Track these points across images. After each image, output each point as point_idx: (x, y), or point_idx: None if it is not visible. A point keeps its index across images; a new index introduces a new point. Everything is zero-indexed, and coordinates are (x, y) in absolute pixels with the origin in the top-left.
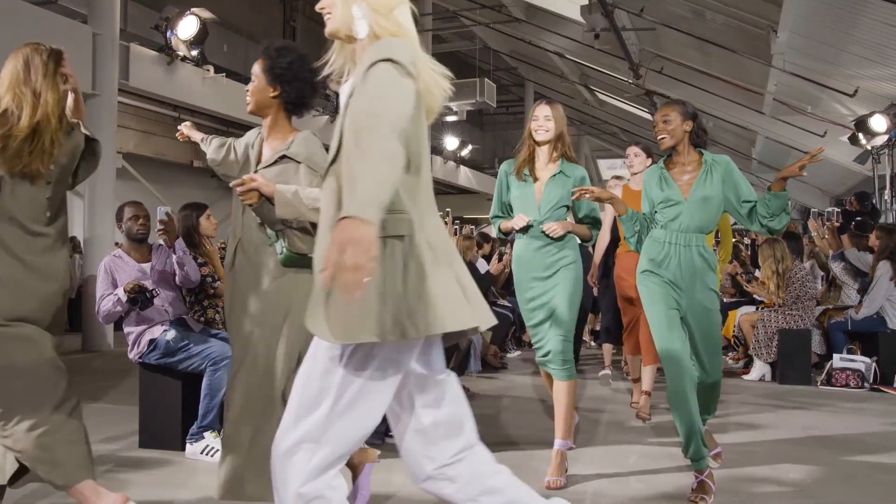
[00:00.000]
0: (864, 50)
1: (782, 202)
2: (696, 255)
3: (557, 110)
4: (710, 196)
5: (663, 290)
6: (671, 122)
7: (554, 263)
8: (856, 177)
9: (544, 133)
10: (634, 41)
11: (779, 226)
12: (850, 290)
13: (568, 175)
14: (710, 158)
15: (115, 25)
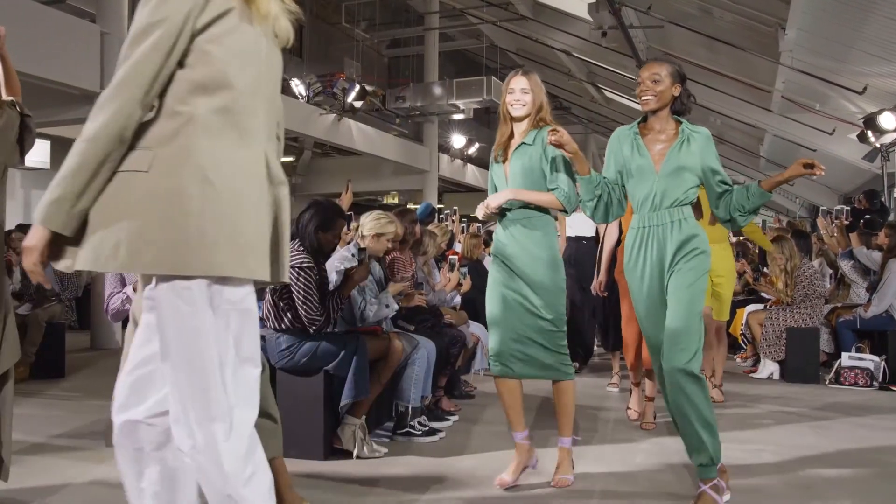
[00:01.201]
0: (874, 47)
1: (761, 203)
2: (676, 230)
3: (535, 80)
4: (684, 166)
5: (645, 285)
6: (661, 83)
7: (533, 250)
8: (864, 174)
9: (521, 108)
10: (642, 39)
11: (744, 223)
12: (859, 288)
13: (530, 143)
14: (688, 128)
15: (123, 24)
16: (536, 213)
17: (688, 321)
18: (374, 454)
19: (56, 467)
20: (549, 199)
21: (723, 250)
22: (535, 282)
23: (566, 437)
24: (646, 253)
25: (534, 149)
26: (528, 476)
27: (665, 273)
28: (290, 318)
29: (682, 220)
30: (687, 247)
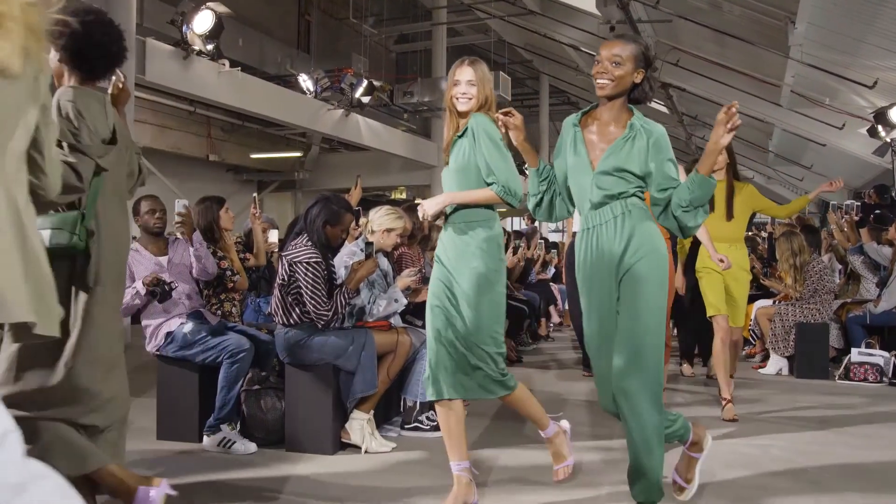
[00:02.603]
0: (884, 41)
1: (706, 192)
2: (619, 225)
3: (481, 71)
4: (624, 168)
5: (594, 300)
6: (622, 66)
7: (470, 258)
8: (874, 169)
9: (467, 101)
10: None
11: (692, 223)
12: (869, 283)
13: (462, 135)
14: (640, 123)
15: (131, 20)
16: (477, 213)
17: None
18: (383, 449)
19: None
20: (485, 195)
21: (737, 250)
22: (465, 292)
23: (543, 430)
24: (592, 257)
25: (466, 141)
26: (540, 472)
27: (615, 280)
28: (299, 313)
29: (625, 213)
30: (633, 245)
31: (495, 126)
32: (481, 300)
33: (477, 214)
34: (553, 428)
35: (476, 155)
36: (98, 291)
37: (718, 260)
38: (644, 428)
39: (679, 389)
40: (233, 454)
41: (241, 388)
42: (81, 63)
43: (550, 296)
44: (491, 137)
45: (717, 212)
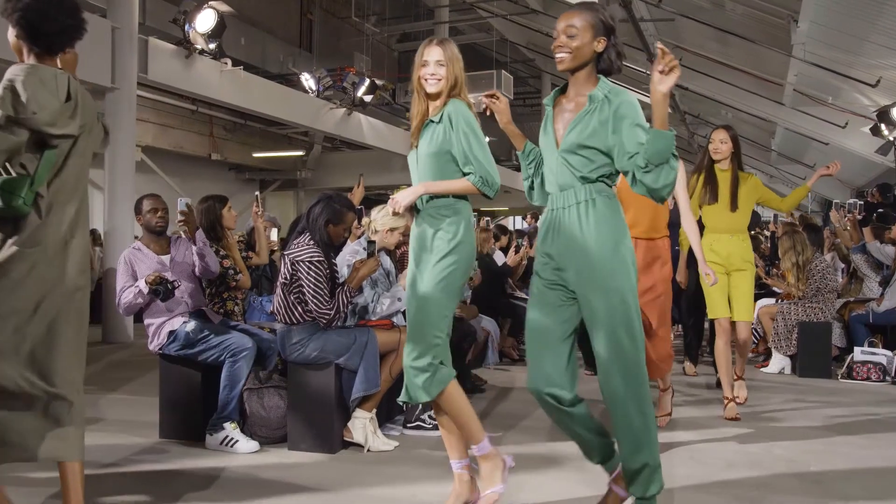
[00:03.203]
0: (887, 39)
1: (663, 146)
2: (583, 214)
3: (451, 50)
4: (585, 144)
5: (544, 291)
6: (577, 37)
7: (436, 251)
8: (877, 168)
9: (436, 83)
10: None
11: (656, 184)
12: (872, 282)
13: (437, 121)
14: (603, 93)
15: (133, 19)
16: (447, 203)
17: (625, 339)
18: (385, 448)
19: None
20: (462, 185)
21: (740, 241)
22: (423, 282)
23: (475, 443)
24: (550, 241)
25: (441, 127)
26: (539, 468)
27: (564, 276)
28: (301, 312)
29: (589, 201)
30: (594, 242)
31: (473, 114)
32: (432, 294)
33: (446, 203)
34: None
35: (453, 143)
36: (19, 253)
37: (705, 274)
38: (629, 426)
39: (681, 389)
40: (235, 453)
41: (243, 387)
42: (37, 39)
43: None
44: (470, 126)
45: (721, 202)
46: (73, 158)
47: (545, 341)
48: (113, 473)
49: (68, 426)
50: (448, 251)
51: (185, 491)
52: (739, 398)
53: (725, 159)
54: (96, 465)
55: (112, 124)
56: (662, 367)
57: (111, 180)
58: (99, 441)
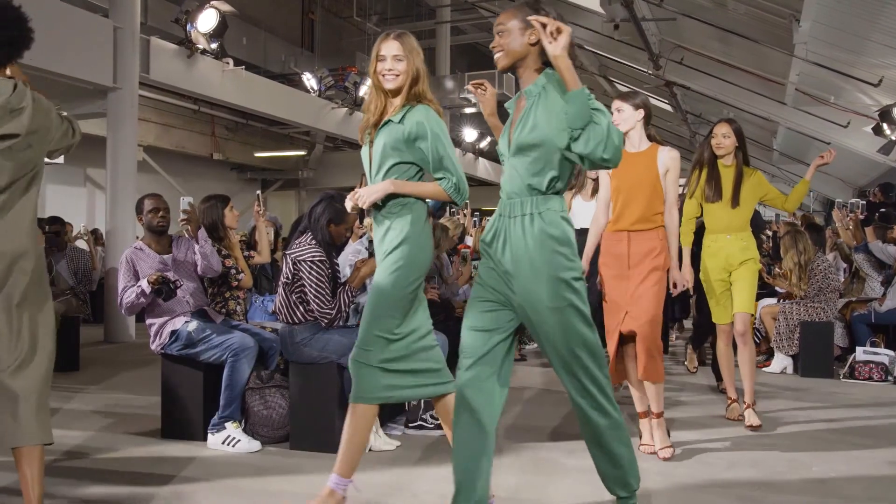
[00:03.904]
0: (889, 38)
1: (578, 105)
2: (528, 227)
3: (409, 44)
4: (531, 143)
5: (483, 289)
6: (506, 34)
7: (385, 248)
8: (879, 167)
9: (394, 78)
10: (654, 31)
11: (588, 148)
12: (874, 282)
13: (396, 121)
14: (540, 86)
15: (135, 19)
16: (403, 201)
17: (589, 356)
18: (387, 447)
19: (68, 458)
20: (433, 190)
21: (741, 240)
22: (375, 282)
23: (338, 472)
24: (497, 249)
25: (401, 129)
26: (539, 467)
27: (510, 281)
28: (303, 312)
29: (534, 215)
30: (551, 262)
31: (442, 118)
32: (383, 291)
33: (402, 202)
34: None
35: (415, 149)
36: None
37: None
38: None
39: (684, 389)
40: (237, 452)
41: (245, 387)
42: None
43: None
44: (444, 133)
45: (723, 199)
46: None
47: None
48: (114, 473)
49: (21, 409)
50: (395, 247)
51: (187, 490)
52: (752, 424)
53: (729, 154)
54: (98, 464)
55: (114, 124)
56: (649, 369)
57: (113, 180)
58: (101, 440)
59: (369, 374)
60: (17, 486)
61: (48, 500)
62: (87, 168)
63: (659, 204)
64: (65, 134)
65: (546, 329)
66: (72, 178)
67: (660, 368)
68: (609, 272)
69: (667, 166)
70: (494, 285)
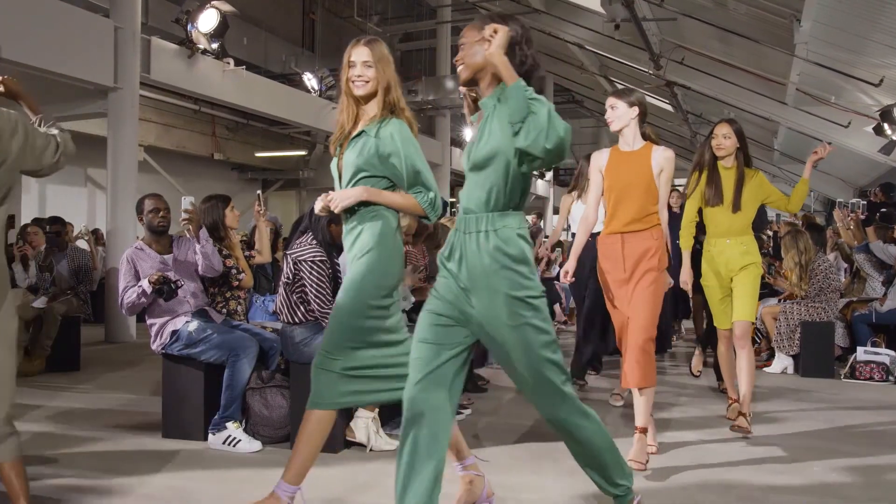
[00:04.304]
0: (890, 38)
1: (516, 101)
2: (484, 244)
3: (379, 51)
4: (486, 156)
5: (439, 303)
6: (467, 47)
7: (354, 254)
8: (880, 167)
9: (363, 85)
10: (655, 31)
11: (527, 141)
12: (875, 282)
13: (371, 134)
14: (499, 92)
15: (136, 19)
16: (376, 211)
17: (547, 374)
18: (387, 447)
19: (70, 458)
20: (406, 203)
21: (741, 245)
22: (342, 289)
23: (287, 481)
24: (454, 265)
25: (373, 142)
26: (541, 466)
27: (468, 296)
28: (304, 311)
29: (489, 232)
30: (506, 279)
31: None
32: (349, 299)
33: (371, 211)
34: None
35: (389, 164)
36: None
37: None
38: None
39: (685, 389)
40: (238, 452)
41: (246, 387)
42: None
43: (555, 294)
44: (417, 148)
45: (725, 203)
46: None
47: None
48: (115, 472)
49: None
50: (363, 254)
51: (188, 490)
52: (741, 425)
53: (730, 155)
54: (99, 464)
55: (115, 124)
56: (634, 375)
57: (114, 180)
58: (102, 441)
59: (330, 380)
60: None
61: (48, 500)
62: (88, 168)
63: (653, 204)
64: (44, 151)
65: (507, 348)
66: (72, 178)
67: (646, 373)
68: (609, 278)
69: (661, 166)
70: (452, 300)
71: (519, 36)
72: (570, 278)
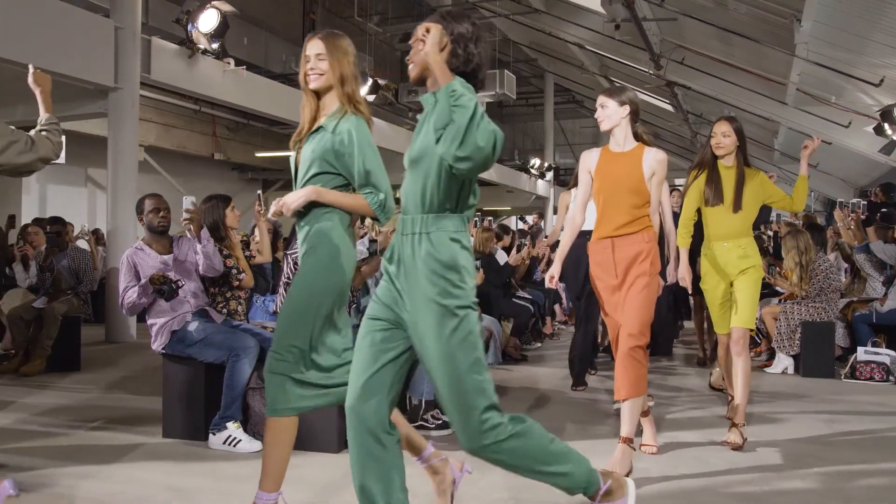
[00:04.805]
0: (890, 38)
1: (442, 106)
2: (417, 247)
3: (334, 44)
4: (419, 155)
5: (378, 307)
6: (415, 45)
7: (301, 254)
8: (881, 167)
9: (317, 78)
10: (655, 31)
11: (442, 149)
12: (875, 282)
13: (329, 130)
14: (445, 92)
15: (136, 19)
16: (325, 211)
17: (465, 386)
18: None
19: (70, 458)
20: (355, 203)
21: (739, 248)
22: (289, 291)
23: (263, 489)
24: (395, 266)
25: (330, 138)
26: None
27: (403, 307)
28: None
29: (423, 234)
30: (432, 275)
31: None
32: (294, 301)
33: (322, 212)
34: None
35: (345, 162)
36: None
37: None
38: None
39: (685, 389)
40: (238, 452)
41: (246, 387)
42: None
43: (555, 294)
44: (371, 146)
45: (725, 203)
46: None
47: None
48: (115, 473)
49: None
50: (310, 255)
51: (188, 490)
52: (731, 440)
53: (730, 154)
54: (98, 464)
55: (115, 124)
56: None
57: (114, 180)
58: (102, 440)
59: (280, 383)
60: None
61: (47, 500)
62: (88, 168)
63: (643, 207)
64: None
65: (431, 361)
66: (73, 179)
67: (633, 383)
68: (601, 284)
69: (653, 169)
70: (389, 304)
71: (468, 34)
72: (555, 283)
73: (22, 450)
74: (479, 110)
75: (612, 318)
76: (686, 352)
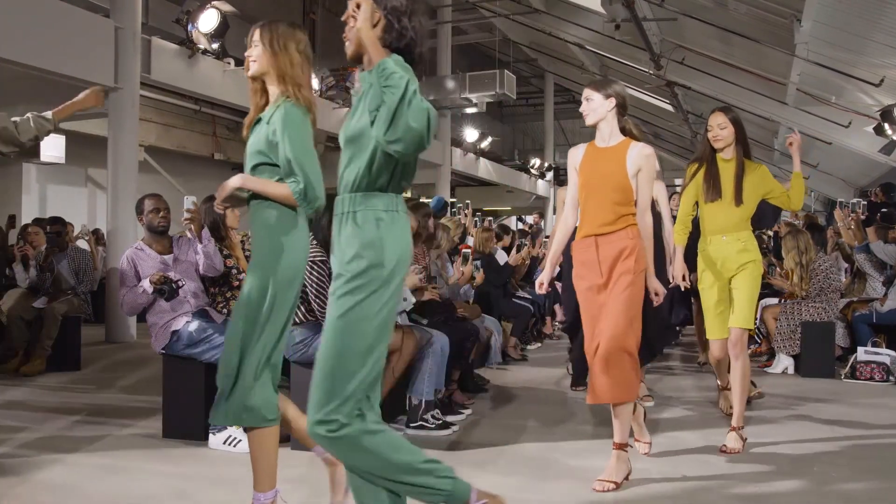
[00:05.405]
0: (891, 38)
1: (374, 89)
2: (344, 227)
3: (270, 31)
4: (354, 135)
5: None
6: (352, 21)
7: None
8: (881, 167)
9: (252, 65)
10: (655, 31)
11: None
12: (876, 282)
13: (266, 120)
14: (376, 71)
15: (136, 19)
16: (266, 205)
17: (334, 361)
18: None
19: (70, 458)
20: (279, 192)
21: (738, 241)
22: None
23: (258, 489)
24: (334, 247)
25: (266, 128)
26: (541, 468)
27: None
28: (304, 312)
29: (353, 213)
30: (348, 256)
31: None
32: (240, 299)
33: (265, 204)
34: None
35: (276, 149)
36: None
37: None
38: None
39: (684, 389)
40: (239, 452)
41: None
42: None
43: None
44: (298, 133)
45: (725, 197)
46: None
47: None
48: (115, 473)
49: None
50: (256, 249)
51: (188, 490)
52: (728, 447)
53: (728, 147)
54: (98, 464)
55: (115, 124)
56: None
57: (114, 180)
58: (101, 440)
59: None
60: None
61: (46, 500)
62: (89, 168)
63: (628, 205)
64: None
65: (325, 327)
66: (73, 178)
67: (616, 386)
68: (583, 284)
69: (638, 165)
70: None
71: (402, 7)
72: (546, 289)
73: (21, 449)
74: (409, 88)
75: (593, 318)
76: (686, 353)
